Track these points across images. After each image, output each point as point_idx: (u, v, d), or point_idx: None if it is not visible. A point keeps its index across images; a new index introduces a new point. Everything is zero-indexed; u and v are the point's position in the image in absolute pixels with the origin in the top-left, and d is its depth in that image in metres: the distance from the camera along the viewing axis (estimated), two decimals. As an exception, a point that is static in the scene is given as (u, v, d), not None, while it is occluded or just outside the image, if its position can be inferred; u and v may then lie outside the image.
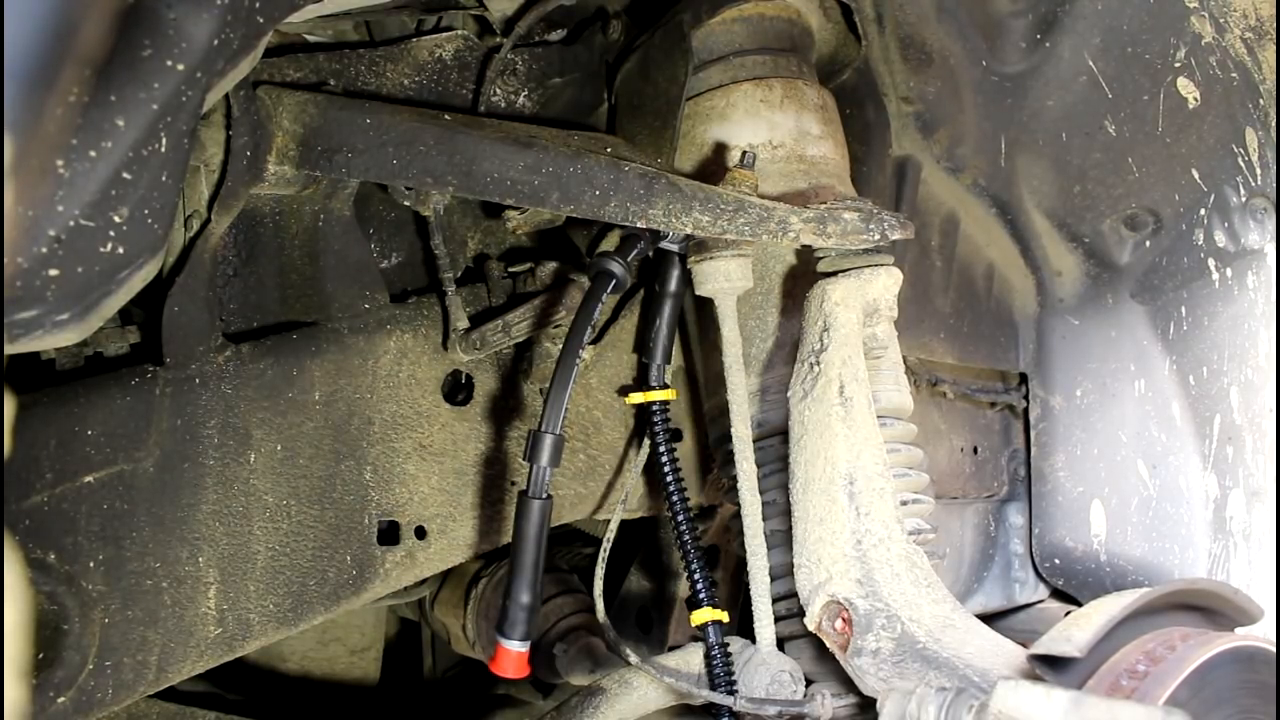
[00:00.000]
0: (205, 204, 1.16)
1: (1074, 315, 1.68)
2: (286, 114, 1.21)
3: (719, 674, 1.26)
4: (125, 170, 0.78)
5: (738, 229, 1.19)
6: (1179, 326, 1.55)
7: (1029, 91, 1.49)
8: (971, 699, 1.02)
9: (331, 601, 1.28)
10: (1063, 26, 1.41)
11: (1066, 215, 1.57)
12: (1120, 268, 1.56)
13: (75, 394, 1.09)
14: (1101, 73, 1.42)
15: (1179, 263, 1.50)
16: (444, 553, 1.37)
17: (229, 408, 1.20)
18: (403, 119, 1.22)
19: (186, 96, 0.82)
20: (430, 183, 1.23)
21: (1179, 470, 1.65)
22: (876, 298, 1.26)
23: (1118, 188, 1.50)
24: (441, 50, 1.37)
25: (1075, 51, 1.42)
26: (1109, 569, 1.73)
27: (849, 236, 1.20)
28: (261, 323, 1.29)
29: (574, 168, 1.20)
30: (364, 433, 1.31)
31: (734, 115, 1.39)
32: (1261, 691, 1.00)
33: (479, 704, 2.02)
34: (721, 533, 1.67)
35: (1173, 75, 1.39)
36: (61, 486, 1.07)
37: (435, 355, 1.38)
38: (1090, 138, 1.48)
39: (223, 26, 0.83)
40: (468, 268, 1.49)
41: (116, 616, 1.11)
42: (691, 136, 1.40)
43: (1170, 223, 1.50)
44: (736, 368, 1.30)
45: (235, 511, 1.20)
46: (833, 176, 1.40)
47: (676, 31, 1.39)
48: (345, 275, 1.33)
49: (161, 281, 1.15)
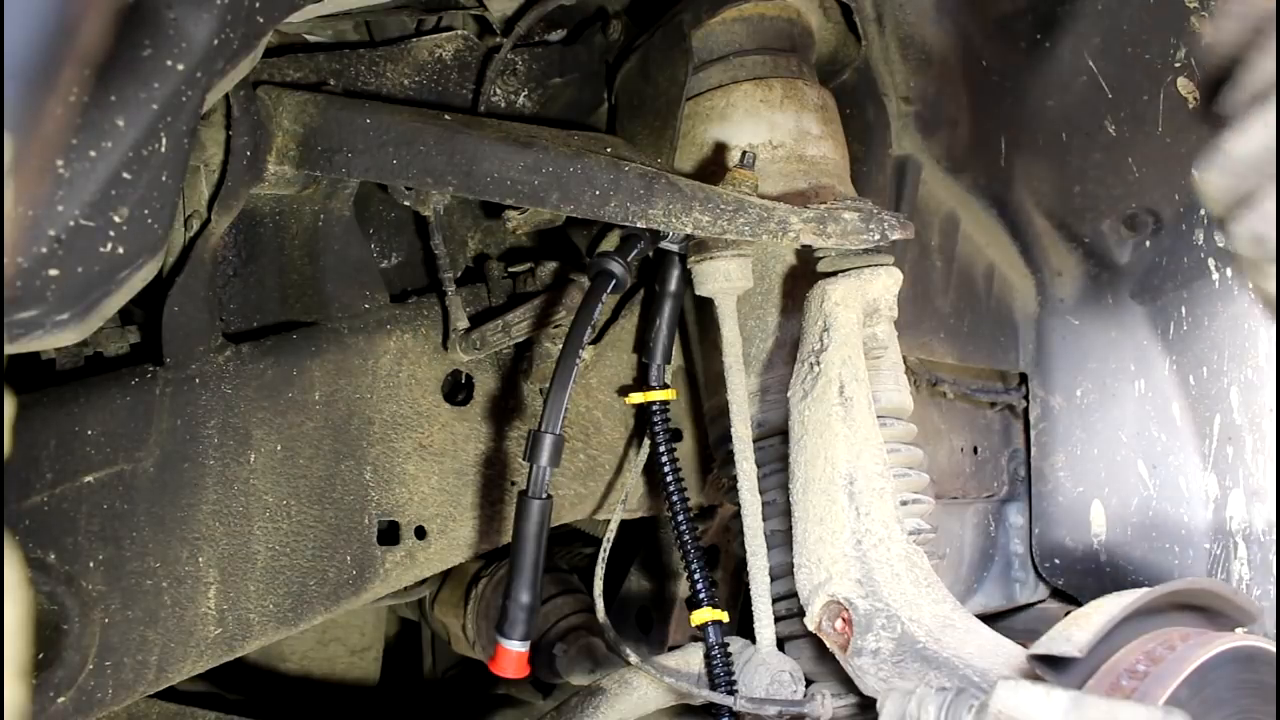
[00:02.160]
0: (205, 204, 1.16)
1: (1074, 315, 1.68)
2: (286, 114, 1.21)
3: (719, 674, 1.26)
4: (125, 170, 0.78)
5: (738, 229, 1.19)
6: (1179, 326, 1.55)
7: (1029, 91, 1.49)
8: (971, 699, 1.02)
9: (331, 601, 1.28)
10: (1063, 26, 1.41)
11: (1066, 215, 1.57)
12: (1120, 268, 1.56)
13: (75, 394, 1.09)
14: (1101, 73, 1.42)
15: (1179, 263, 1.50)
16: (444, 553, 1.37)
17: (229, 408, 1.20)
18: (403, 119, 1.22)
19: (187, 96, 0.82)
20: (430, 183, 1.23)
21: (1179, 470, 1.65)
22: (876, 298, 1.26)
23: (1118, 188, 1.50)
24: (441, 50, 1.37)
25: (1075, 51, 1.42)
26: (1109, 569, 1.73)
27: (849, 236, 1.20)
28: (261, 323, 1.29)
29: (574, 168, 1.20)
30: (364, 433, 1.31)
31: (734, 115, 1.39)
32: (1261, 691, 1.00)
33: (479, 704, 2.02)
34: (721, 533, 1.67)
35: (1173, 75, 1.39)
36: (61, 486, 1.07)
37: (435, 355, 1.38)
38: (1090, 138, 1.48)
39: (223, 26, 0.83)
40: (468, 268, 1.49)
41: (116, 616, 1.11)
42: (691, 136, 1.40)
43: (1170, 223, 1.50)
44: (736, 368, 1.30)
45: (235, 511, 1.20)
46: (833, 176, 1.40)
47: (676, 31, 1.39)
48: (345, 275, 1.33)
49: (161, 281, 1.15)
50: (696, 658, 1.29)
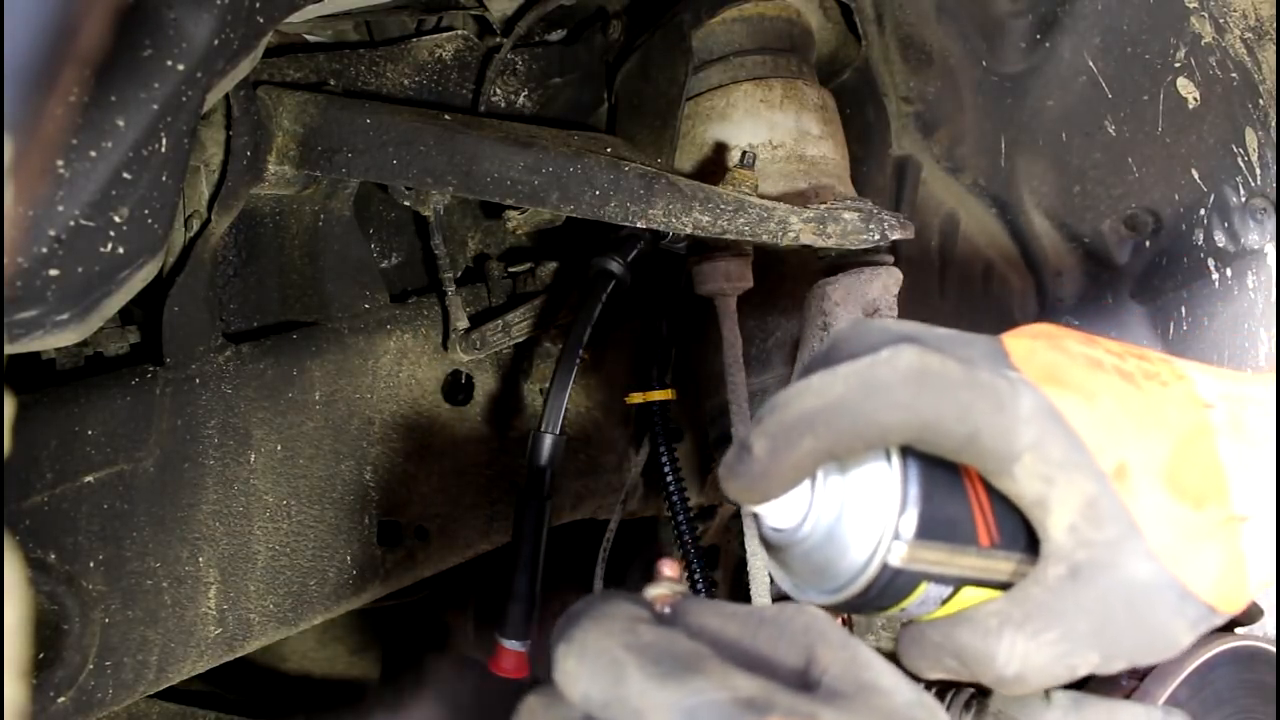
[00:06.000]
0: (205, 204, 1.16)
1: (1074, 315, 1.68)
2: (286, 114, 1.21)
3: (719, 674, 1.25)
4: (125, 170, 0.78)
5: (738, 229, 1.19)
6: (1179, 326, 1.55)
7: (1029, 91, 1.49)
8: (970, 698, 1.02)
9: (332, 601, 1.28)
10: (1063, 26, 1.41)
11: (1066, 215, 1.57)
12: (1120, 268, 1.56)
13: (75, 394, 1.09)
14: (1101, 73, 1.42)
15: (1179, 263, 1.50)
16: (444, 553, 1.37)
17: (229, 408, 1.20)
18: (403, 119, 1.23)
19: (187, 96, 0.82)
20: (430, 183, 1.23)
21: (1179, 470, 1.64)
22: (876, 298, 1.26)
23: (1118, 188, 1.50)
24: (441, 50, 1.37)
25: (1075, 51, 1.42)
26: (1109, 569, 1.72)
27: (849, 236, 1.20)
28: (261, 323, 1.29)
29: (574, 168, 1.20)
30: (364, 433, 1.31)
31: (734, 115, 1.39)
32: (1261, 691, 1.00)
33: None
34: (721, 533, 1.67)
35: (1173, 75, 1.38)
36: (61, 486, 1.07)
37: (435, 355, 1.38)
38: (1090, 138, 1.48)
39: (223, 26, 0.83)
40: (468, 268, 1.49)
41: (117, 616, 1.11)
42: (691, 136, 1.40)
43: (1170, 223, 1.50)
44: (736, 368, 1.30)
45: (235, 511, 1.20)
46: (833, 176, 1.40)
47: (676, 31, 1.39)
48: (345, 275, 1.33)
49: (161, 281, 1.15)
50: (696, 658, 1.29)
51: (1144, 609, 0.61)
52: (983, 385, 0.60)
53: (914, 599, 0.65)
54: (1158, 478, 0.62)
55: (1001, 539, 0.65)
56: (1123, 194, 1.50)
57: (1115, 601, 0.61)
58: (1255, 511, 0.63)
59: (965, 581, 0.65)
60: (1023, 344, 0.64)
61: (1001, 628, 0.63)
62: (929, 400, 0.59)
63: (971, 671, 0.65)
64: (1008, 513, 0.64)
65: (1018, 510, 0.64)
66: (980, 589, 0.66)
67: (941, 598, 0.65)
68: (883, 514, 0.62)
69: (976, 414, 0.60)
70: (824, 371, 0.61)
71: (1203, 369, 0.68)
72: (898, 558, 0.62)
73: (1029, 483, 0.61)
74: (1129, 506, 0.61)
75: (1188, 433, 0.63)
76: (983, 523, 0.64)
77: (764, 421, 0.61)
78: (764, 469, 0.60)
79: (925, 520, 0.62)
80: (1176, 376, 0.66)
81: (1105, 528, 0.61)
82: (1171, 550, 0.61)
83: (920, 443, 0.61)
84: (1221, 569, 0.62)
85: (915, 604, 0.65)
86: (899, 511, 0.62)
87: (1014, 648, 0.62)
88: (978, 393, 0.60)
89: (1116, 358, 0.65)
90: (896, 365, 0.60)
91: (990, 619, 0.63)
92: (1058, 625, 0.62)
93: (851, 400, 0.59)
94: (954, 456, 0.62)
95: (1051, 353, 0.64)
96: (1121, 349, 0.67)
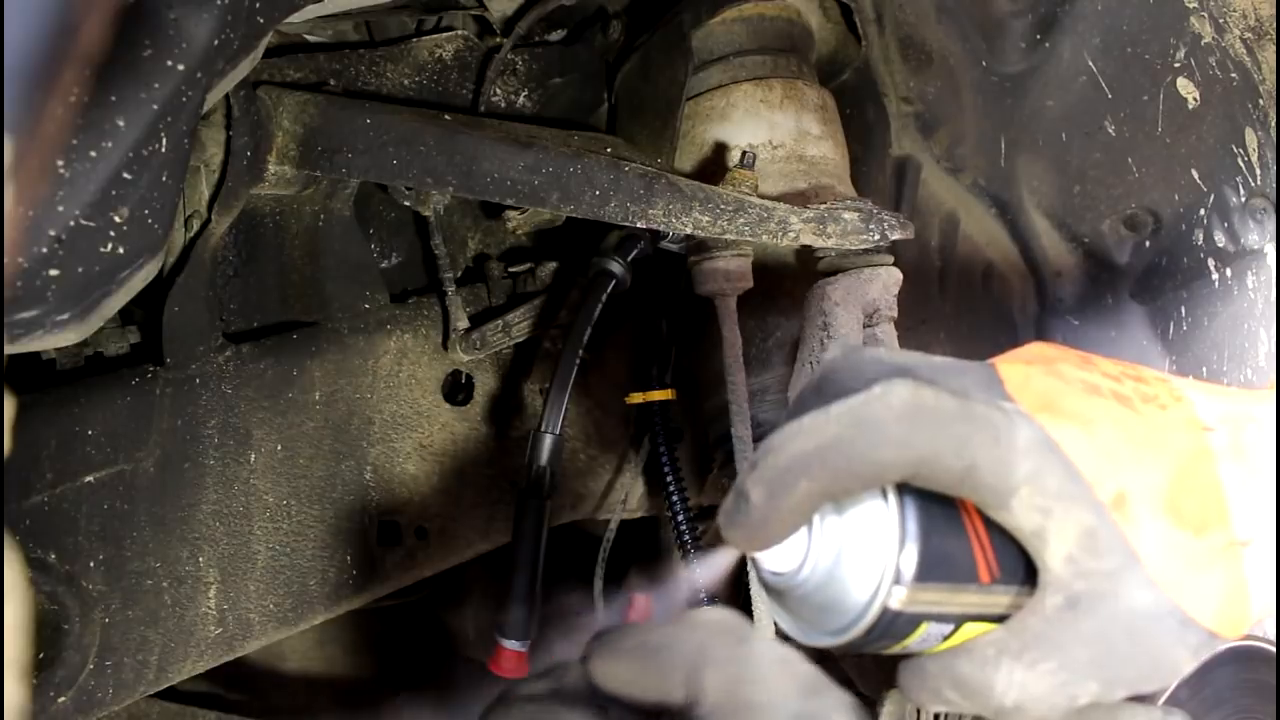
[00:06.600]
0: (205, 204, 1.16)
1: (1074, 315, 1.68)
2: (286, 114, 1.21)
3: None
4: (125, 170, 0.78)
5: (738, 229, 1.19)
6: (1179, 326, 1.55)
7: (1029, 91, 1.49)
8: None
9: (332, 601, 1.28)
10: (1063, 26, 1.41)
11: (1066, 215, 1.57)
12: (1120, 268, 1.56)
13: (75, 394, 1.10)
14: (1101, 73, 1.42)
15: (1179, 263, 1.50)
16: (444, 553, 1.37)
17: (229, 407, 1.20)
18: (403, 119, 1.23)
19: (187, 97, 0.82)
20: (430, 183, 1.23)
21: (1179, 470, 1.64)
22: (876, 298, 1.26)
23: (1118, 188, 1.50)
24: (441, 50, 1.37)
25: (1075, 51, 1.42)
26: (1109, 569, 1.72)
27: (849, 236, 1.20)
28: (262, 323, 1.29)
29: (574, 168, 1.20)
30: (364, 433, 1.31)
31: (734, 115, 1.39)
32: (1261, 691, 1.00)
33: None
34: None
35: (1173, 75, 1.38)
36: (62, 486, 1.07)
37: (435, 355, 1.38)
38: (1090, 138, 1.48)
39: (223, 26, 0.83)
40: (468, 268, 1.49)
41: (117, 616, 1.11)
42: (691, 136, 1.40)
43: (1170, 223, 1.50)
44: (736, 368, 1.30)
45: (235, 511, 1.20)
46: (833, 176, 1.40)
47: (676, 31, 1.39)
48: (345, 275, 1.33)
49: (161, 281, 1.15)
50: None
51: (1145, 637, 0.61)
52: (978, 418, 0.60)
53: (915, 638, 0.64)
54: (1157, 505, 0.61)
55: (1002, 573, 0.64)
56: (1123, 194, 1.50)
57: (1115, 631, 0.61)
58: (1257, 536, 0.63)
59: (966, 618, 0.65)
60: (1018, 370, 0.64)
61: (999, 658, 0.62)
62: (924, 436, 0.59)
63: (971, 702, 0.64)
64: (1007, 545, 0.64)
65: (1017, 542, 0.63)
66: (982, 623, 0.65)
67: (943, 635, 0.65)
68: (881, 554, 0.61)
69: (973, 448, 0.59)
70: (816, 411, 0.60)
71: (1201, 388, 0.67)
72: (898, 601, 0.61)
73: (1026, 515, 0.61)
74: (1128, 535, 0.60)
75: (1187, 458, 0.63)
76: (982, 558, 0.64)
77: (759, 466, 0.61)
78: (763, 516, 0.60)
79: (924, 558, 0.62)
80: (1175, 398, 0.65)
81: (1104, 558, 0.60)
82: (1172, 578, 0.61)
83: (917, 479, 0.61)
84: (1223, 595, 0.62)
85: (917, 642, 0.65)
86: (898, 550, 0.61)
87: (1012, 677, 0.62)
88: (973, 426, 0.60)
89: (1114, 381, 0.65)
90: (890, 402, 0.59)
91: (988, 649, 0.63)
92: (1056, 655, 0.61)
93: (846, 440, 0.59)
94: (951, 491, 0.61)
95: (1047, 379, 0.63)
96: (1119, 370, 0.66)
